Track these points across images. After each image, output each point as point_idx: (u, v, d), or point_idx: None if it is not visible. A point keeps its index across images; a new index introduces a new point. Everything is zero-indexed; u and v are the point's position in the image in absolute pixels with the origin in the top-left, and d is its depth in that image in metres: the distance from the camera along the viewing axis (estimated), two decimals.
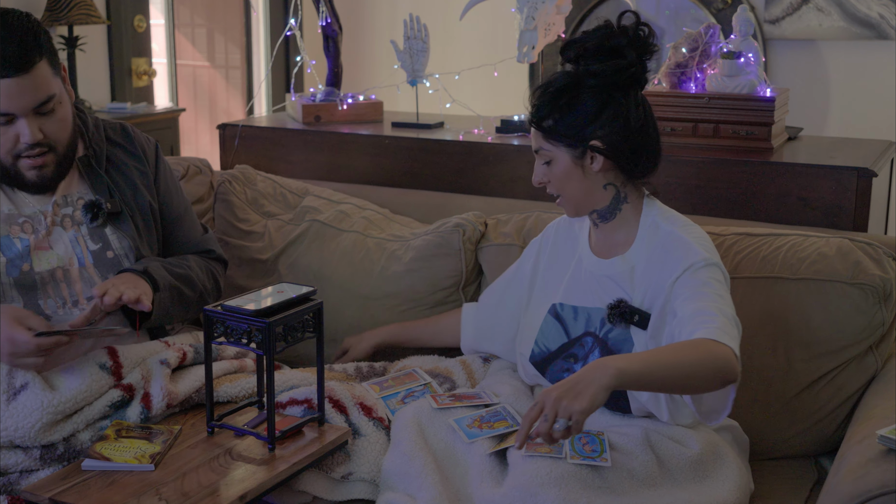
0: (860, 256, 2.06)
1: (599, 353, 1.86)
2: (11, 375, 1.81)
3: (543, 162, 1.89)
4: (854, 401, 2.04)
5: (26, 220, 1.99)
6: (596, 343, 1.89)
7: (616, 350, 1.85)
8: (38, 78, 1.89)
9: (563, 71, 1.89)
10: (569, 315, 1.94)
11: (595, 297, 1.91)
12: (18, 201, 2.00)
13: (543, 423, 1.52)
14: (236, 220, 2.59)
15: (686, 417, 1.84)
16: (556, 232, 2.07)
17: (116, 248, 2.04)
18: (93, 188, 2.06)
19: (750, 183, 2.44)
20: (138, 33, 4.71)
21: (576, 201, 1.90)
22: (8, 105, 1.87)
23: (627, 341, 1.85)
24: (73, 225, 2.02)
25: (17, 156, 1.94)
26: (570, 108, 1.83)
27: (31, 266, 1.95)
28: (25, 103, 1.88)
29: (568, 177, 1.87)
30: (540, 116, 1.86)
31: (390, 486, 1.81)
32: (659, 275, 1.82)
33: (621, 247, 1.91)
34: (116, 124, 2.20)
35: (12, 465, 1.78)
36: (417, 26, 2.94)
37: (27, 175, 1.97)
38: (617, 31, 1.85)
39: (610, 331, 1.87)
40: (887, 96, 4.17)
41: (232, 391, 1.97)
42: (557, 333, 1.95)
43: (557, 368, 1.94)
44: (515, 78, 4.84)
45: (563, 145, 1.85)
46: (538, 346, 1.97)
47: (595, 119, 1.83)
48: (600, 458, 1.70)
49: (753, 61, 2.60)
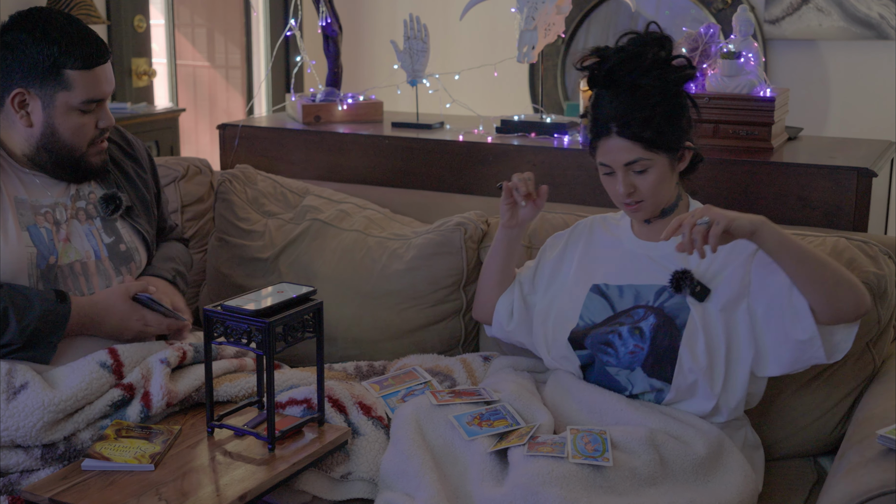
0: (855, 254, 2.07)
1: (655, 319, 1.91)
2: (11, 375, 1.82)
3: (637, 171, 1.91)
4: (852, 399, 2.04)
5: (48, 211, 2.01)
6: (650, 311, 1.93)
7: (672, 316, 1.90)
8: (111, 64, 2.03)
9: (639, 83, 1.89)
10: (614, 293, 1.99)
11: (645, 275, 1.97)
12: (37, 192, 2.02)
13: (690, 219, 1.75)
14: (236, 220, 2.59)
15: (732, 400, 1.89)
16: (590, 228, 2.13)
17: (128, 241, 2.10)
18: (102, 183, 2.11)
19: (750, 183, 2.44)
20: (138, 33, 4.71)
21: (659, 203, 1.96)
22: (107, 88, 2.01)
23: (684, 309, 1.90)
24: (88, 219, 2.06)
25: (92, 143, 2.02)
26: (666, 117, 1.90)
27: (56, 259, 1.98)
28: (112, 86, 2.03)
29: (661, 181, 1.93)
30: (639, 130, 1.88)
31: (389, 485, 1.81)
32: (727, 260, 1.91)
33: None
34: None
35: (13, 464, 1.78)
36: (417, 26, 2.94)
37: (94, 161, 2.05)
38: (658, 41, 1.92)
39: (666, 300, 1.92)
40: (887, 96, 4.16)
41: (232, 391, 1.97)
42: (603, 308, 1.98)
43: (601, 332, 1.96)
44: (515, 78, 4.84)
45: (663, 152, 1.90)
46: (583, 320, 1.99)
47: (682, 121, 1.93)
48: (602, 457, 1.70)
49: (753, 61, 2.60)
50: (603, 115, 1.90)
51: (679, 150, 1.93)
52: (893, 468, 1.54)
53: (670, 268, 1.93)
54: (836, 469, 1.71)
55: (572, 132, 2.79)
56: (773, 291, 1.86)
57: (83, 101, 1.96)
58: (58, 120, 1.96)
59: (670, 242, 1.95)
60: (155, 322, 2.02)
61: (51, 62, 1.92)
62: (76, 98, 1.95)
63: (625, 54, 1.89)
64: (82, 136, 2.00)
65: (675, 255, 1.93)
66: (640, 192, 1.92)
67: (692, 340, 1.87)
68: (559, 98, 4.84)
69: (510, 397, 1.95)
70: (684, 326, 1.88)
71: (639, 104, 1.88)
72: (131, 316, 1.99)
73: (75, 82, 1.94)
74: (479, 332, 2.43)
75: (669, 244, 1.95)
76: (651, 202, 1.94)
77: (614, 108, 1.89)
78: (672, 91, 1.91)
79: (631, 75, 1.89)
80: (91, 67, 1.95)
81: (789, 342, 1.85)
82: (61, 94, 1.94)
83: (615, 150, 1.90)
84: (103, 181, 2.11)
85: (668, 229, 1.78)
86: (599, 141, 1.92)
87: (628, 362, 1.93)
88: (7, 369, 1.82)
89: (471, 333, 2.42)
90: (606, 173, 1.95)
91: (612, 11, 4.77)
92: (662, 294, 1.93)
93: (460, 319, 2.40)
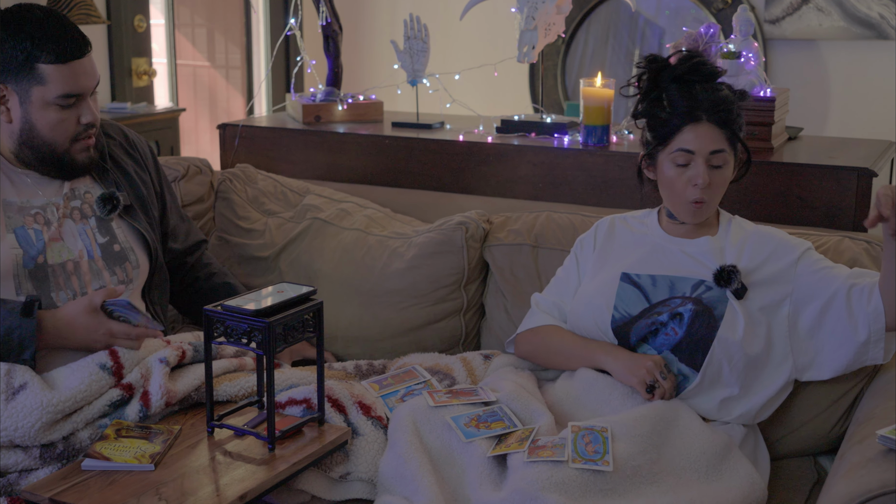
0: (857, 254, 2.08)
1: (693, 306, 1.93)
2: (10, 375, 1.81)
3: (715, 165, 1.95)
4: (851, 398, 2.04)
5: (38, 212, 2.01)
6: (688, 301, 1.95)
7: (711, 307, 1.94)
8: (92, 59, 2.00)
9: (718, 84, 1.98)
10: (647, 282, 2.00)
11: (680, 268, 2.00)
12: (28, 192, 2.01)
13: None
14: (237, 218, 2.59)
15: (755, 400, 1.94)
16: (610, 224, 2.15)
17: (122, 242, 2.09)
18: (100, 183, 2.10)
19: (750, 183, 2.43)
20: (138, 33, 4.70)
21: (714, 206, 2.02)
22: (85, 83, 1.97)
23: (723, 301, 1.93)
24: (83, 218, 2.05)
25: (75, 139, 2.00)
26: (740, 114, 1.99)
27: (45, 258, 1.97)
28: (92, 81, 1.99)
29: (727, 182, 2.00)
30: (729, 119, 1.95)
31: (387, 488, 1.80)
32: (767, 264, 1.96)
33: (705, 230, 2.04)
34: (113, 123, 2.25)
35: (12, 464, 1.78)
36: (417, 26, 2.94)
37: (79, 158, 2.03)
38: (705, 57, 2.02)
39: (705, 291, 1.94)
40: (887, 96, 4.16)
41: (231, 390, 1.97)
42: (637, 298, 2.00)
43: (642, 326, 1.98)
44: (515, 78, 4.84)
45: (735, 151, 1.99)
46: (618, 312, 2.00)
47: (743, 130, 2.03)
48: (602, 461, 1.70)
49: (753, 61, 2.60)
50: (686, 104, 1.94)
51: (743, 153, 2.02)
52: (893, 468, 1.54)
53: (707, 264, 1.97)
54: (836, 469, 1.71)
55: (572, 132, 2.79)
56: (828, 296, 1.92)
57: (59, 95, 1.95)
58: (35, 115, 1.96)
59: (706, 239, 2.01)
60: (122, 333, 1.92)
61: (24, 56, 1.91)
62: (51, 93, 1.94)
63: (693, 61, 1.97)
64: (62, 132, 1.98)
65: (712, 252, 1.99)
66: (710, 189, 1.95)
67: (730, 332, 1.90)
68: (559, 98, 4.83)
69: (508, 397, 1.95)
70: (722, 318, 1.91)
71: (725, 99, 1.95)
72: (97, 329, 1.91)
73: (50, 77, 1.93)
74: (479, 331, 2.43)
75: (704, 242, 2.01)
76: (712, 203, 1.99)
77: (703, 99, 1.93)
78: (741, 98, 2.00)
79: (714, 72, 1.98)
80: (66, 61, 1.93)
81: (850, 344, 1.91)
82: (36, 88, 1.94)
83: (705, 136, 1.93)
84: (101, 180, 2.10)
85: (879, 211, 1.78)
86: (685, 128, 1.94)
87: (659, 344, 1.95)
88: (6, 370, 1.82)
89: (471, 332, 2.42)
90: (682, 164, 1.96)
91: (612, 11, 4.77)
92: (699, 287, 1.96)
93: (461, 318, 2.40)
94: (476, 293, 2.41)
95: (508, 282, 2.35)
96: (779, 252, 1.98)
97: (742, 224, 2.06)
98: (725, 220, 2.07)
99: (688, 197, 1.97)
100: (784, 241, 2.01)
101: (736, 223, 2.06)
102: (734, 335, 1.90)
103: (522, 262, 2.35)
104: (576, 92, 4.44)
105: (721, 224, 2.06)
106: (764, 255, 1.98)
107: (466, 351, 2.40)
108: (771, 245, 2.00)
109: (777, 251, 1.98)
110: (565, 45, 4.83)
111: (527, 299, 2.29)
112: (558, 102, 4.79)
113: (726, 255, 1.99)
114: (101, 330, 1.91)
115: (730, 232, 2.03)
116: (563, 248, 2.28)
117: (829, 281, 1.93)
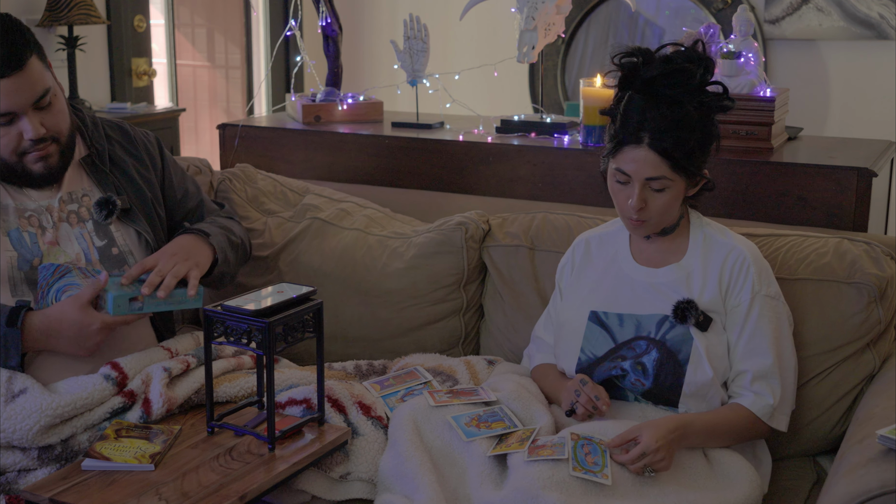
0: (857, 255, 2.07)
1: (657, 353, 1.88)
2: (11, 382, 1.82)
3: (655, 189, 1.85)
4: (851, 398, 2.04)
5: (32, 214, 1.99)
6: (652, 345, 1.89)
7: (676, 350, 1.87)
8: (33, 73, 1.90)
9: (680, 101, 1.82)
10: (614, 322, 1.95)
11: (647, 305, 1.92)
12: (22, 197, 2.00)
13: (638, 462, 1.73)
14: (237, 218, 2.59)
15: None
16: (586, 245, 2.08)
17: (121, 245, 2.07)
18: (99, 186, 2.08)
19: (750, 183, 2.44)
20: (138, 33, 4.70)
21: (662, 223, 1.92)
22: (9, 104, 1.88)
23: (687, 342, 1.87)
24: (79, 222, 2.04)
25: (23, 153, 1.95)
26: (699, 143, 1.84)
27: (41, 261, 1.96)
28: (25, 100, 1.89)
29: (673, 204, 1.88)
30: (672, 148, 1.80)
31: (387, 486, 1.80)
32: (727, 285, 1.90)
33: (674, 255, 1.95)
34: (114, 122, 2.23)
35: (10, 464, 1.78)
36: (417, 26, 2.94)
37: (34, 169, 1.97)
38: (704, 61, 1.84)
39: (668, 331, 1.89)
40: (887, 96, 4.17)
41: (231, 391, 1.97)
42: (604, 340, 1.95)
43: (605, 369, 1.94)
44: (515, 78, 4.84)
45: (685, 176, 1.85)
46: (584, 354, 1.96)
47: (709, 149, 1.88)
48: (601, 474, 1.70)
49: (753, 61, 2.60)
50: (635, 122, 1.81)
51: (697, 177, 1.88)
52: (893, 468, 1.54)
53: (672, 296, 1.90)
54: (836, 469, 1.71)
55: (572, 132, 2.79)
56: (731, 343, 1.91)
57: None
58: None
59: (671, 268, 1.93)
60: (117, 323, 1.89)
61: None
62: None
63: (672, 67, 1.81)
64: (5, 148, 1.93)
65: (677, 282, 1.91)
66: (649, 210, 1.86)
67: (697, 374, 1.86)
68: (559, 98, 4.83)
69: (509, 397, 1.95)
70: (687, 361, 1.87)
71: (677, 123, 1.80)
72: (90, 324, 1.86)
73: None
74: (479, 332, 2.43)
75: (671, 270, 1.93)
76: (656, 221, 1.90)
77: (651, 119, 1.80)
78: (710, 118, 1.85)
79: (673, 90, 1.81)
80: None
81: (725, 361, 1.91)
82: None
83: (641, 162, 1.82)
84: (101, 183, 2.08)
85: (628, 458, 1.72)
86: (625, 147, 1.84)
87: (628, 391, 1.94)
88: (7, 377, 1.82)
89: (471, 332, 2.42)
90: (620, 182, 1.87)
91: (612, 11, 4.77)
92: (664, 324, 1.90)
93: (460, 318, 2.40)
94: (475, 293, 2.41)
95: (506, 283, 2.35)
96: (740, 281, 1.90)
97: (714, 236, 1.95)
98: (697, 234, 1.95)
99: (627, 213, 1.89)
100: (748, 272, 1.90)
101: (708, 237, 1.95)
102: (703, 376, 1.86)
103: (519, 264, 2.34)
104: (576, 92, 4.44)
105: (691, 239, 1.95)
106: (726, 275, 1.90)
107: (466, 351, 2.39)
108: (736, 270, 1.90)
109: (739, 279, 1.90)
110: (565, 45, 4.83)
111: (524, 301, 2.29)
112: (558, 102, 4.79)
113: (693, 282, 1.90)
114: (95, 325, 1.87)
115: (699, 251, 1.93)
116: (559, 249, 2.26)
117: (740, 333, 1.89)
